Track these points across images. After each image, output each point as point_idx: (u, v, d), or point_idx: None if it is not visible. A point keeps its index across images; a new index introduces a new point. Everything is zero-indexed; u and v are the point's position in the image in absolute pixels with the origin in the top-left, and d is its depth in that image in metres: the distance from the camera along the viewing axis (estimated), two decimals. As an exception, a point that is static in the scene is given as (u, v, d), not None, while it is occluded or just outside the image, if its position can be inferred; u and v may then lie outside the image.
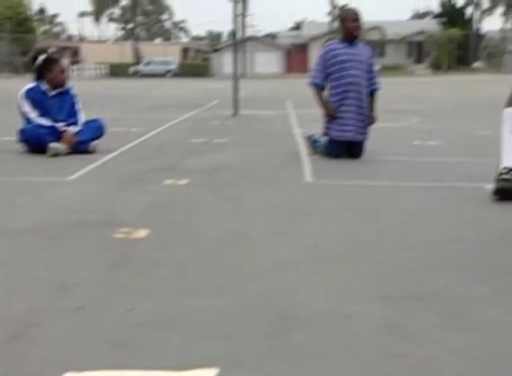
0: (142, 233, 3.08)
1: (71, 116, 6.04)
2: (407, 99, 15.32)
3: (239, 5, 11.59)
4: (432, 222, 3.36)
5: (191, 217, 3.46)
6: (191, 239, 3.01)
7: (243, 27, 52.06)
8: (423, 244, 2.92)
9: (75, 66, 49.00)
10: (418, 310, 2.12)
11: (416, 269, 2.57)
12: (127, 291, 2.31)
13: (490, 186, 4.00)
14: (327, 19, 58.17)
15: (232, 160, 5.54)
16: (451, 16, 57.26)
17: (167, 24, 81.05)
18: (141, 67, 51.01)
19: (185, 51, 65.94)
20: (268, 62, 56.77)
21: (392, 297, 2.24)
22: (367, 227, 3.26)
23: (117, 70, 50.12)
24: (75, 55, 55.94)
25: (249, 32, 57.90)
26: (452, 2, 59.98)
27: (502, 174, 3.79)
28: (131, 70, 50.50)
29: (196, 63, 58.73)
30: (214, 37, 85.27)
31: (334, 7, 57.32)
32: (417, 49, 58.76)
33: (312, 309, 2.13)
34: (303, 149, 6.13)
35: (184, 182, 4.48)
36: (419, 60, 58.08)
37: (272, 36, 70.09)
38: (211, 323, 2.01)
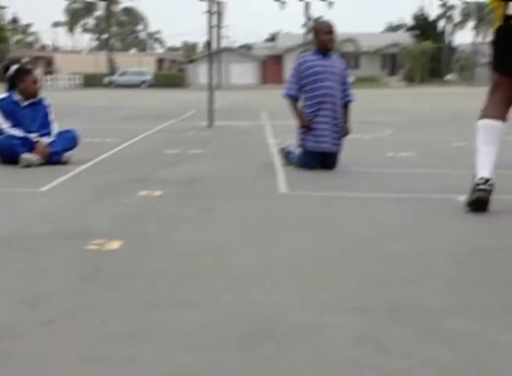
0: (115, 244, 3.06)
1: (44, 127, 6.00)
2: (381, 111, 15.45)
3: (215, 17, 11.62)
4: (405, 234, 3.39)
5: (165, 228, 3.45)
6: (165, 251, 3.00)
7: (219, 38, 52.18)
8: (396, 255, 2.94)
9: (49, 77, 48.69)
10: (391, 321, 2.13)
11: (390, 280, 2.59)
12: (99, 303, 2.29)
13: (463, 198, 4.04)
14: (302, 30, 58.52)
15: (206, 172, 5.53)
16: (424, 29, 58.00)
17: (142, 35, 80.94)
18: (116, 78, 50.88)
19: (161, 61, 65.90)
20: (243, 73, 56.91)
21: (366, 308, 2.25)
22: (341, 238, 3.27)
23: (92, 81, 49.89)
24: (49, 65, 55.59)
25: (224, 43, 58.10)
26: (425, 16, 60.77)
27: (478, 184, 3.80)
28: (106, 80, 50.33)
29: (171, 73, 58.72)
30: (189, 48, 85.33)
31: (309, 19, 57.71)
32: (391, 61, 59.36)
33: (286, 321, 2.13)
34: (278, 160, 6.15)
35: (158, 193, 4.46)
36: (393, 72, 58.67)
37: (247, 47, 70.37)
38: (185, 336, 2.00)
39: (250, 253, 2.98)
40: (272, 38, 72.24)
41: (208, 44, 11.78)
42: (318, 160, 5.66)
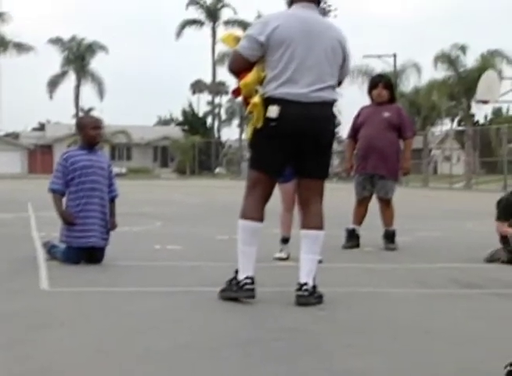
0: None
1: None
2: (151, 203, 15.63)
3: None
4: (163, 328, 3.41)
5: None
6: None
7: (-18, 125, 49.39)
8: (150, 352, 2.94)
9: None
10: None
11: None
12: None
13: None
14: (72, 121, 58.02)
15: (-39, 268, 5.17)
16: (193, 124, 60.53)
17: None
18: None
19: None
20: (9, 161, 54.72)
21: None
22: (100, 336, 3.22)
23: None
24: None
25: (-13, 130, 55.65)
26: (194, 112, 63.57)
27: (246, 284, 3.97)
28: None
29: None
30: None
31: (80, 110, 57.55)
32: (163, 154, 60.94)
33: None
34: (41, 254, 5.93)
35: None
36: (165, 164, 60.16)
37: (14, 135, 67.84)
38: None
39: (1, 356, 2.81)
40: (41, 127, 70.65)
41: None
42: (83, 254, 5.56)
